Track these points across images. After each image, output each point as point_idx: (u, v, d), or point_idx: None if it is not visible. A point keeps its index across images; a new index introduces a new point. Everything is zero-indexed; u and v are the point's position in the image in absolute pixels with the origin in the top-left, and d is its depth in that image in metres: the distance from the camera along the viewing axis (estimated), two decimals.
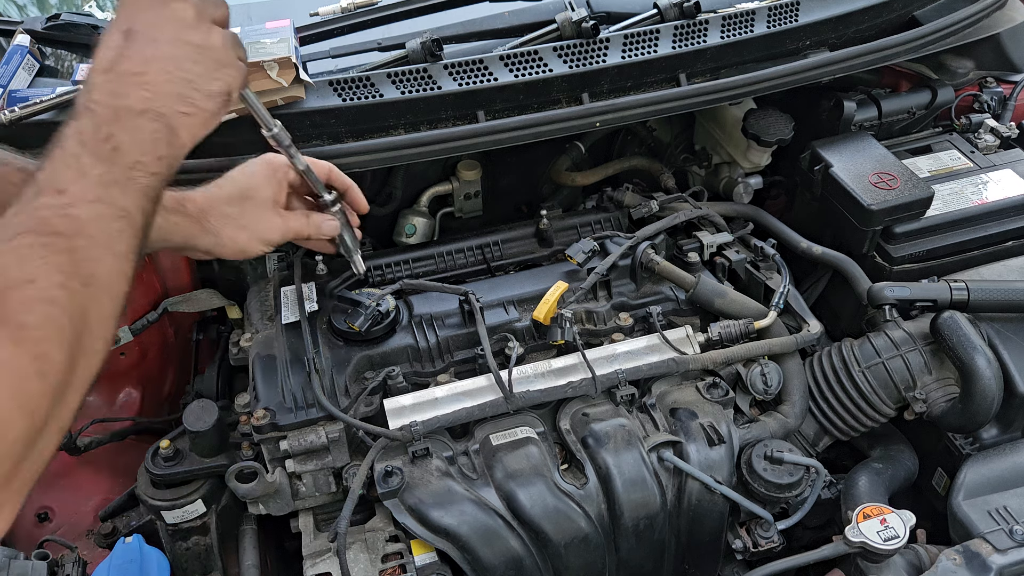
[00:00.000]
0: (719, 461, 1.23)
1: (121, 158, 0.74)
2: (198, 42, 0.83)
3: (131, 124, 0.76)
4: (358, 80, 1.30)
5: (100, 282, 0.69)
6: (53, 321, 0.64)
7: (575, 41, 1.39)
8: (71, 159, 0.72)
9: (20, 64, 1.34)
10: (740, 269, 1.47)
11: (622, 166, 1.76)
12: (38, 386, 0.62)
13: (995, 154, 1.62)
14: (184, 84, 0.81)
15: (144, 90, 0.78)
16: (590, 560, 1.18)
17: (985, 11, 1.63)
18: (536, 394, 1.23)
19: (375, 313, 1.28)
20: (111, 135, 0.74)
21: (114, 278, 0.72)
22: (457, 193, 1.66)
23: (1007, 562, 1.10)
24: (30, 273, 0.64)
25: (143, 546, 1.17)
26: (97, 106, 0.76)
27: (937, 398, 1.31)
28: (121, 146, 0.74)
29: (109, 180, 0.73)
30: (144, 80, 0.78)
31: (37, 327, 0.62)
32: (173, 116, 0.80)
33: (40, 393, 0.62)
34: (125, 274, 0.73)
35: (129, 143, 0.75)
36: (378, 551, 1.15)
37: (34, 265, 0.64)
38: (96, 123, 0.74)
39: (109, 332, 0.72)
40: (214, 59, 0.84)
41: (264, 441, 1.18)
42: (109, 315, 0.71)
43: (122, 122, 0.76)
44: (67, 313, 0.65)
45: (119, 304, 0.73)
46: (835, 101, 1.63)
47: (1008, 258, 1.48)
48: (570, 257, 1.42)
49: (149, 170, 0.77)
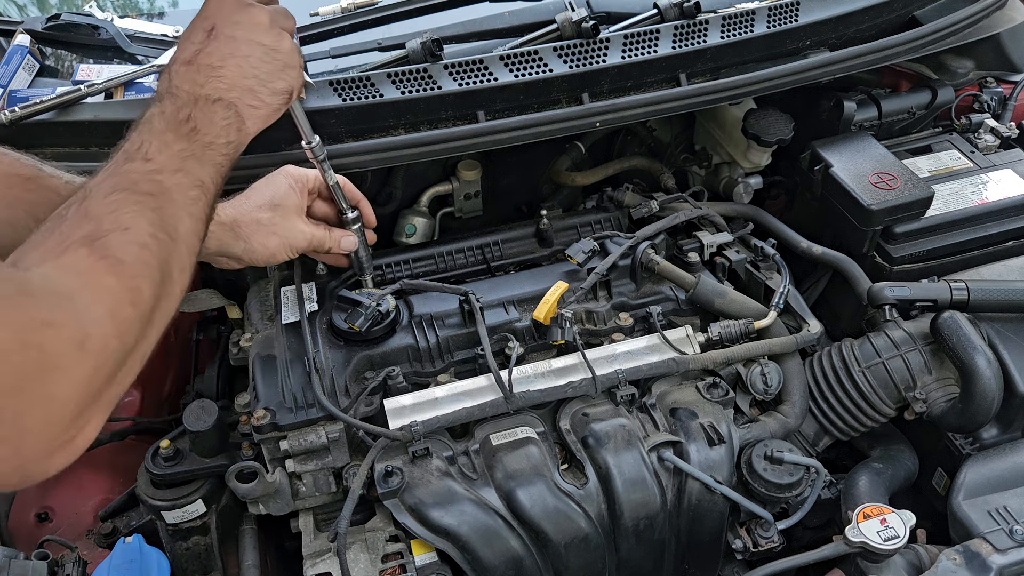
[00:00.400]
0: (719, 461, 1.23)
1: (199, 137, 0.86)
2: (270, 44, 0.95)
3: (207, 110, 0.88)
4: (358, 80, 1.30)
5: (181, 237, 0.80)
6: (145, 262, 0.74)
7: (575, 41, 1.39)
8: (157, 134, 0.84)
9: (20, 64, 1.34)
10: (740, 269, 1.47)
11: (622, 166, 1.76)
12: (131, 312, 0.71)
13: (995, 154, 1.62)
14: (254, 80, 0.93)
15: (220, 82, 0.90)
16: (590, 560, 1.18)
17: (985, 11, 1.63)
18: (536, 394, 1.23)
19: (375, 313, 1.28)
20: (190, 117, 0.86)
21: (191, 236, 0.83)
22: (457, 193, 1.66)
23: (1007, 562, 1.10)
24: (126, 223, 0.74)
25: (143, 546, 1.17)
26: (179, 91, 0.88)
27: (937, 398, 1.31)
28: (199, 127, 0.86)
29: (188, 154, 0.84)
30: (221, 73, 0.90)
31: (132, 264, 0.72)
32: (243, 107, 0.92)
33: (132, 319, 0.71)
34: (199, 234, 0.85)
35: (205, 126, 0.87)
36: (378, 551, 1.15)
37: (129, 216, 0.75)
38: (177, 106, 0.87)
39: (185, 282, 0.82)
40: (282, 61, 0.96)
41: (264, 441, 1.18)
42: (187, 267, 0.82)
43: (200, 107, 0.88)
44: (156, 257, 0.76)
45: (193, 260, 0.84)
46: (835, 101, 1.63)
47: (1008, 258, 1.48)
48: (570, 257, 1.42)
49: (220, 151, 0.89)
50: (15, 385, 0.59)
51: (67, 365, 0.63)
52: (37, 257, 0.69)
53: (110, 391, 0.69)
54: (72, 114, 1.25)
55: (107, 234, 0.72)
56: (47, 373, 0.61)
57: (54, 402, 0.62)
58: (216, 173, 0.88)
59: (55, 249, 0.70)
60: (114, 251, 0.72)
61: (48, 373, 0.61)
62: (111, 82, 1.29)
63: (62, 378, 0.62)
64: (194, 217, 0.83)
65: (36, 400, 0.61)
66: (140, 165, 0.81)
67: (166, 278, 0.77)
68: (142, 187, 0.78)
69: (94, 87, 1.27)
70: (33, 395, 0.60)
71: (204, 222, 0.86)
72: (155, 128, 0.84)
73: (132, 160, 0.81)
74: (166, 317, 0.79)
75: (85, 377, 0.65)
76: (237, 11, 0.94)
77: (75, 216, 0.74)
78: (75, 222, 0.73)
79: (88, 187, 0.78)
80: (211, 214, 0.88)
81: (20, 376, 0.59)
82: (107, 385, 0.68)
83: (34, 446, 0.62)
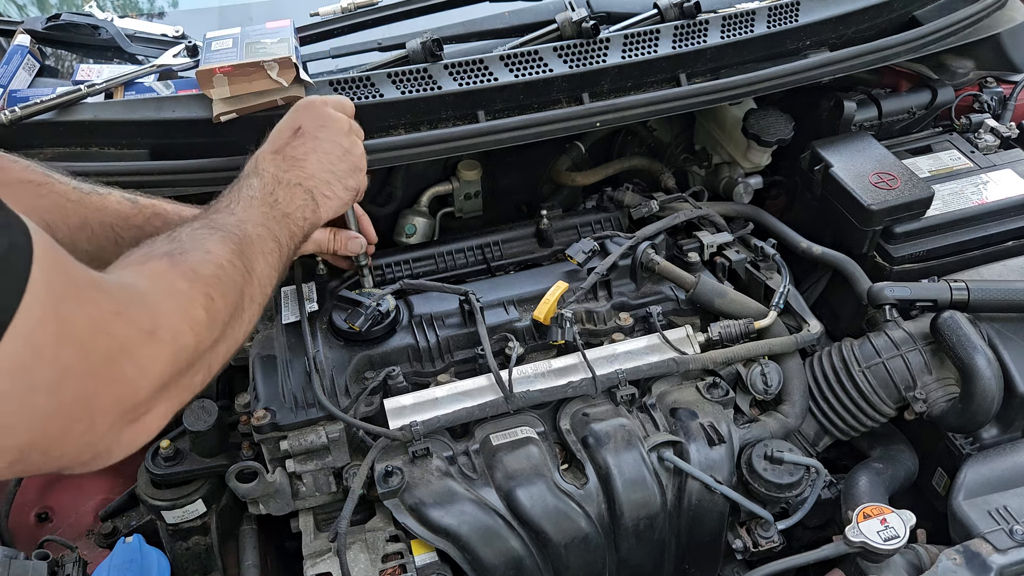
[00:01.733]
0: (719, 461, 1.23)
1: (280, 207, 0.98)
2: (347, 147, 1.09)
3: (289, 190, 1.01)
4: (358, 80, 1.30)
5: (256, 274, 0.88)
6: (220, 279, 0.80)
7: (575, 41, 1.39)
8: (246, 199, 0.95)
9: (20, 64, 1.34)
10: (740, 269, 1.47)
11: (622, 166, 1.76)
12: (203, 316, 0.76)
13: (995, 154, 1.62)
14: (331, 174, 1.06)
15: (302, 171, 1.04)
16: (590, 560, 1.18)
17: (985, 11, 1.63)
18: (536, 394, 1.23)
19: (375, 313, 1.28)
20: (274, 192, 0.99)
21: (265, 278, 0.91)
22: (457, 193, 1.66)
23: (1007, 562, 1.10)
24: (208, 247, 0.83)
25: (143, 546, 1.17)
26: (265, 174, 1.01)
27: (937, 398, 1.31)
28: (280, 201, 0.99)
29: (270, 218, 0.96)
30: (303, 165, 1.04)
31: (207, 277, 0.79)
32: (318, 194, 1.04)
33: (204, 323, 0.76)
34: (272, 280, 0.93)
35: (286, 201, 1.00)
36: (378, 551, 1.15)
37: (212, 243, 0.84)
38: (264, 183, 0.99)
39: (256, 315, 0.89)
40: (354, 163, 1.11)
41: (264, 441, 1.18)
42: (259, 301, 0.89)
43: (283, 187, 1.00)
44: (231, 279, 0.82)
45: (265, 299, 0.91)
46: (835, 101, 1.63)
47: (1008, 258, 1.48)
48: (570, 257, 1.42)
49: (296, 223, 1.00)
50: (88, 368, 0.63)
51: (135, 350, 0.68)
52: (120, 266, 0.77)
53: (179, 383, 0.74)
54: (72, 114, 1.25)
55: (188, 252, 0.80)
56: (117, 356, 0.66)
57: (124, 384, 0.67)
58: (290, 239, 0.99)
59: (138, 261, 0.78)
60: (191, 264, 0.79)
61: (118, 356, 0.66)
62: (111, 82, 1.29)
63: (130, 362, 0.67)
64: (269, 264, 0.92)
65: (107, 381, 0.65)
66: (227, 217, 0.91)
67: (239, 301, 0.84)
68: (228, 229, 0.88)
69: (94, 87, 1.27)
70: (104, 376, 0.65)
71: (277, 272, 0.94)
72: (244, 195, 0.96)
73: (219, 212, 0.92)
74: (236, 340, 0.85)
75: (152, 363, 0.69)
76: (323, 116, 1.09)
77: (163, 240, 0.82)
78: (162, 244, 0.81)
79: (178, 227, 0.87)
80: (283, 272, 0.97)
81: (92, 360, 0.63)
82: (176, 376, 0.73)
83: (104, 424, 0.66)
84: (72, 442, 0.64)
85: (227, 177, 1.25)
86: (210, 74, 1.19)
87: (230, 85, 1.20)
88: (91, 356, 0.63)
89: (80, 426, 0.64)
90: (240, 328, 0.85)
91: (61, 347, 0.61)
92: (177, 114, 1.25)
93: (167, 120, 1.25)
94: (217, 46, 1.25)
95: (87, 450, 0.67)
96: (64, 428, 0.63)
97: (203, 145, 1.26)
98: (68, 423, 0.63)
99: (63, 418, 0.62)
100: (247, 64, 1.19)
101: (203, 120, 1.23)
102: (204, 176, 1.26)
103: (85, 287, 0.65)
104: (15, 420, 0.59)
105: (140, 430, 0.71)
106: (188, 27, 1.50)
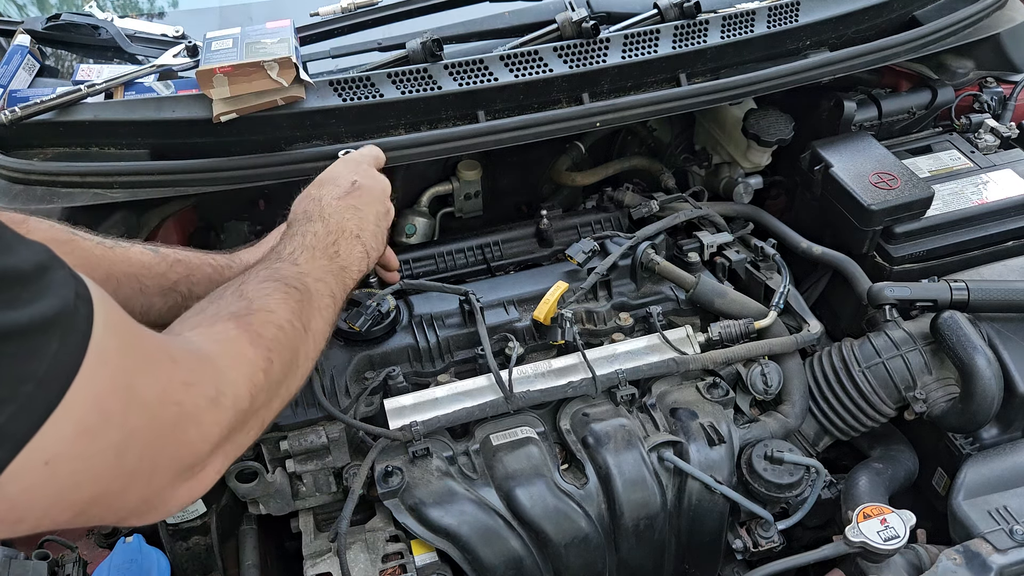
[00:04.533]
0: (719, 461, 1.23)
1: (339, 260, 1.02)
2: (388, 207, 1.15)
3: (350, 242, 1.05)
4: (358, 80, 1.30)
5: (312, 332, 0.91)
6: (280, 341, 0.84)
7: (575, 41, 1.39)
8: (308, 248, 0.99)
9: (20, 64, 1.34)
10: (740, 269, 1.47)
11: (622, 166, 1.76)
12: (262, 379, 0.80)
13: (995, 154, 1.62)
14: (376, 228, 1.11)
15: (361, 223, 1.08)
16: (590, 560, 1.18)
17: (985, 11, 1.63)
18: (536, 394, 1.23)
19: (375, 313, 1.28)
20: (336, 243, 1.03)
21: (319, 334, 0.94)
22: (457, 193, 1.66)
23: (1007, 562, 1.10)
24: (271, 306, 0.86)
25: (143, 546, 1.17)
26: (330, 220, 1.04)
27: (937, 398, 1.31)
28: (340, 254, 1.02)
29: (328, 271, 0.99)
30: (362, 216, 1.08)
31: (269, 340, 0.83)
32: (368, 248, 1.08)
33: (262, 386, 0.79)
34: (325, 335, 0.96)
35: (346, 254, 1.03)
36: (378, 551, 1.15)
37: (275, 302, 0.87)
38: (327, 230, 1.03)
39: (308, 370, 0.92)
40: (388, 223, 1.16)
41: (264, 441, 1.18)
42: (312, 357, 0.92)
43: (344, 238, 1.04)
44: (290, 340, 0.86)
45: (318, 355, 0.94)
46: (835, 101, 1.63)
47: (1008, 258, 1.48)
48: (570, 257, 1.42)
49: (351, 276, 1.04)
50: (154, 434, 0.66)
51: (200, 417, 0.71)
52: (191, 325, 0.81)
53: (233, 442, 0.77)
54: (72, 114, 1.25)
55: (254, 312, 0.84)
56: (182, 423, 0.69)
57: (186, 447, 0.70)
58: (343, 291, 1.02)
59: (208, 320, 0.82)
60: (256, 327, 0.82)
61: (183, 423, 0.69)
62: (111, 82, 1.29)
63: (195, 428, 0.70)
64: (324, 320, 0.95)
65: (171, 444, 0.68)
66: (290, 267, 0.95)
67: (294, 360, 0.87)
68: (290, 282, 0.91)
69: (94, 87, 1.27)
70: (169, 440, 0.68)
71: (330, 326, 0.98)
72: (307, 243, 1.00)
73: (283, 261, 0.96)
74: (289, 394, 0.89)
75: (214, 428, 0.73)
76: (375, 176, 1.15)
77: (232, 296, 0.87)
78: (231, 300, 0.86)
79: (245, 275, 0.92)
80: (334, 324, 1.00)
81: (159, 426, 0.66)
82: (231, 436, 0.76)
83: (163, 481, 0.69)
84: (132, 498, 0.67)
85: (227, 177, 1.26)
86: (210, 74, 1.19)
87: (230, 85, 1.20)
88: (158, 423, 0.66)
89: (140, 483, 0.66)
90: (294, 384, 0.89)
91: (129, 414, 0.63)
92: (177, 114, 1.25)
93: (167, 120, 1.25)
94: (217, 46, 1.25)
95: (144, 505, 0.69)
96: (125, 485, 0.65)
97: (203, 145, 1.26)
98: (130, 481, 0.65)
99: (126, 477, 0.64)
100: (247, 64, 1.19)
101: (203, 120, 1.23)
102: (204, 176, 1.26)
103: (156, 356, 0.68)
104: (82, 478, 0.60)
105: (195, 486, 0.74)
106: (188, 27, 1.50)
